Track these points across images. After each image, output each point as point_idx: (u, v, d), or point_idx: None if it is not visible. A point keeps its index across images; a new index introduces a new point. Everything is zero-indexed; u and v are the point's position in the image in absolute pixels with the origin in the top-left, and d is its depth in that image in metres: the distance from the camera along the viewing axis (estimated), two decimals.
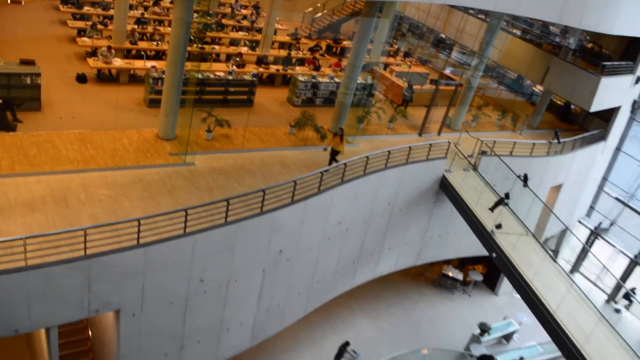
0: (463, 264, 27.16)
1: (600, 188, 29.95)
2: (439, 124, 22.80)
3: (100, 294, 11.77)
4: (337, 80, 22.90)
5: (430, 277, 26.53)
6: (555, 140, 23.05)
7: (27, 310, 10.90)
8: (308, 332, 21.41)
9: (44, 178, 13.43)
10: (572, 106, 28.86)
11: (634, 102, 27.15)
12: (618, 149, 28.85)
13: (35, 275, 10.61)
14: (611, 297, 28.20)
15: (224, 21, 28.11)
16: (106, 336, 14.08)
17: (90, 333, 16.22)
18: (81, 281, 11.31)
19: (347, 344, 19.62)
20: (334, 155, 17.53)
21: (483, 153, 20.63)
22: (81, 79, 19.54)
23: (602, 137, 26.73)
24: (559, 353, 15.48)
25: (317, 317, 21.37)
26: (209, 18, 25.38)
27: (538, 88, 30.39)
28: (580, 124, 28.46)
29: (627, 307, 27.73)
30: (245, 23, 28.77)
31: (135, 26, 23.88)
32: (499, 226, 17.26)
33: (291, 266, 16.23)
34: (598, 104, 24.11)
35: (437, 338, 22.82)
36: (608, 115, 26.64)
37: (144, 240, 11.96)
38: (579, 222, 29.84)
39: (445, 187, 19.68)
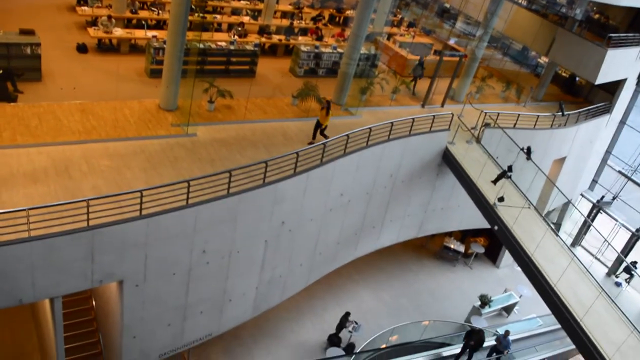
0: (465, 236, 27.27)
1: (604, 161, 29.88)
2: (443, 96, 22.60)
3: (103, 264, 11.84)
4: (340, 50, 22.65)
5: (432, 249, 26.65)
6: (560, 113, 22.89)
7: (31, 280, 10.97)
8: (310, 303, 21.60)
9: (45, 149, 13.37)
10: (577, 78, 28.57)
11: None
12: (623, 122, 28.68)
13: (39, 246, 10.64)
14: (612, 271, 28.34)
15: None
16: (110, 306, 14.19)
17: (94, 303, 16.37)
18: (84, 252, 11.35)
19: (348, 314, 19.82)
20: (317, 128, 16.82)
21: (486, 125, 20.51)
22: (82, 48, 19.34)
23: (607, 110, 26.52)
24: (558, 326, 15.62)
25: (319, 288, 21.54)
26: None
27: (543, 60, 30.03)
28: (585, 97, 28.20)
29: (627, 281, 27.88)
30: None
31: None
32: (501, 199, 17.24)
33: (293, 237, 16.28)
34: (603, 76, 23.85)
35: (437, 310, 23.02)
36: (613, 88, 26.38)
37: (147, 211, 11.97)
38: (582, 195, 29.84)
39: (448, 160, 19.62)
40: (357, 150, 16.64)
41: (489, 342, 19.39)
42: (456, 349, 18.65)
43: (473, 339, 18.08)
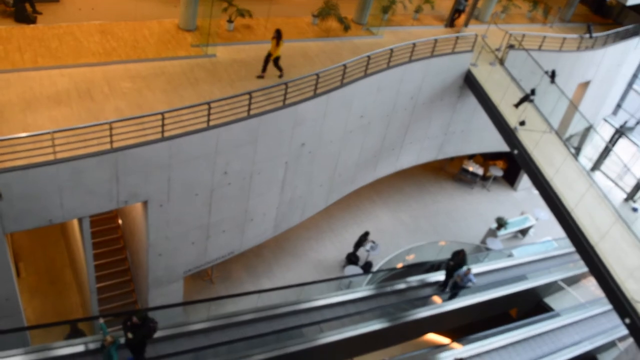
0: (484, 159, 27.24)
1: (629, 86, 29.09)
2: (467, 15, 21.93)
3: (128, 185, 12.14)
4: None
5: (451, 171, 26.74)
6: (587, 35, 22.15)
7: (59, 201, 11.33)
8: (329, 222, 22.07)
9: (67, 71, 13.40)
10: None
11: None
12: None
13: (65, 168, 10.91)
14: (630, 196, 28.20)
15: None
16: (136, 226, 14.67)
17: (120, 222, 16.90)
18: (109, 174, 11.63)
19: (367, 234, 20.24)
20: (267, 59, 15.21)
21: (511, 47, 19.99)
22: None
23: (637, 32, 25.54)
24: (573, 249, 15.84)
25: (338, 209, 21.94)
26: None
27: None
28: (614, 18, 27.16)
29: None
30: None
31: None
32: (522, 123, 17.09)
33: (313, 159, 16.43)
34: None
35: (454, 231, 23.39)
36: None
37: (169, 133, 12.11)
38: (604, 120, 29.33)
39: (470, 82, 19.31)
40: (378, 71, 16.42)
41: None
42: (471, 270, 18.99)
43: (454, 259, 17.45)
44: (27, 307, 15.54)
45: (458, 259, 17.23)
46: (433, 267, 19.25)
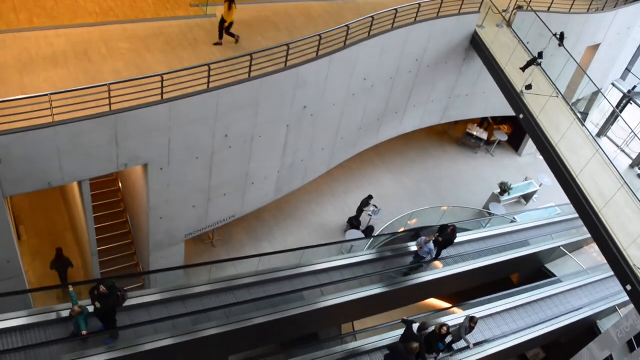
0: (488, 123, 26.95)
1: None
2: None
3: (127, 148, 12.00)
4: None
5: (454, 135, 26.48)
6: None
7: (58, 164, 11.21)
8: (331, 186, 21.97)
9: (63, 32, 13.10)
10: None
11: None
12: None
13: (63, 130, 10.77)
14: (636, 163, 27.96)
15: None
16: (136, 189, 14.58)
17: (120, 185, 16.82)
18: (108, 136, 11.48)
19: (370, 197, 20.14)
20: (222, 26, 14.17)
21: (519, 8, 19.52)
22: None
23: None
24: (576, 215, 15.76)
25: (340, 173, 21.81)
26: None
27: None
28: None
29: None
30: None
31: None
32: (529, 87, 16.79)
33: (315, 122, 16.23)
34: None
35: (457, 196, 23.28)
36: None
37: (168, 95, 11.91)
38: (613, 84, 28.83)
39: (476, 44, 18.93)
40: (382, 33, 16.07)
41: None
42: (473, 235, 19.02)
43: (442, 234, 16.18)
44: (29, 270, 15.59)
45: (446, 235, 16.06)
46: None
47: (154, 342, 12.08)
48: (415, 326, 13.63)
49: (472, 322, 14.31)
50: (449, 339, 14.50)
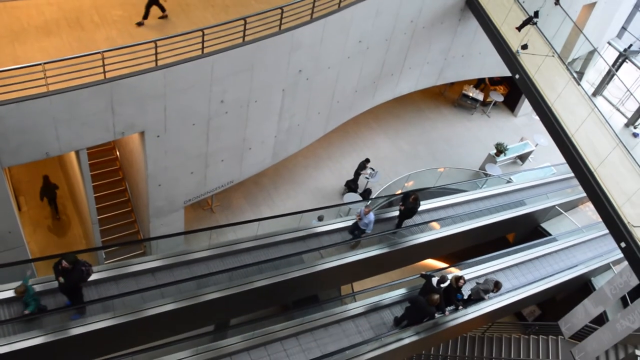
0: (484, 84, 26.85)
1: (636, 7, 28.18)
2: None
3: (123, 116, 11.99)
4: None
5: (450, 97, 26.43)
6: None
7: (55, 134, 11.22)
8: (328, 150, 22.02)
9: (54, 0, 12.94)
10: None
11: None
12: None
13: (58, 100, 10.73)
14: (631, 122, 27.99)
15: None
16: (134, 157, 14.61)
17: (118, 153, 16.83)
18: (104, 104, 11.45)
19: (367, 161, 20.21)
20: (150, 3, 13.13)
21: None
22: None
23: None
24: (572, 174, 15.87)
25: (336, 136, 21.85)
26: None
27: None
28: None
29: None
30: None
31: None
32: (524, 46, 16.71)
33: (311, 86, 16.18)
34: None
35: (453, 157, 23.37)
36: None
37: (162, 62, 11.84)
38: (609, 43, 28.65)
39: (471, 4, 18.75)
40: None
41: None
42: (469, 196, 19.14)
43: (405, 203, 15.60)
44: (30, 240, 15.72)
45: (409, 204, 15.45)
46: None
47: (158, 307, 12.26)
48: (435, 280, 14.21)
49: (496, 286, 14.95)
50: (465, 291, 15.20)
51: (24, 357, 10.80)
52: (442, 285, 14.26)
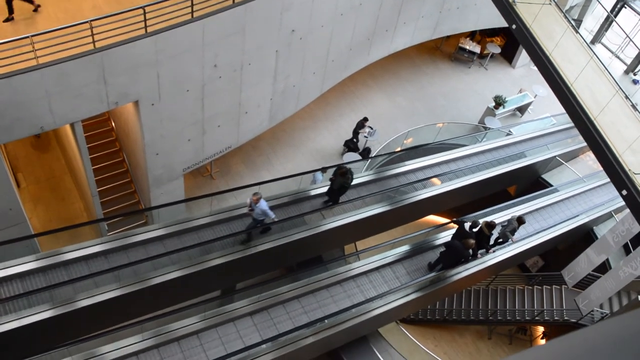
0: (481, 36, 26.45)
1: None
2: None
3: (116, 86, 11.82)
4: None
5: (447, 51, 26.06)
6: None
7: (48, 107, 11.06)
8: (325, 110, 21.84)
9: None
10: None
11: None
12: None
13: (49, 72, 10.55)
14: (631, 68, 27.63)
15: None
16: (129, 127, 14.47)
17: (113, 124, 16.68)
18: (95, 75, 11.27)
19: (366, 119, 20.07)
20: None
21: None
22: None
23: None
24: (571, 124, 15.74)
25: (333, 96, 21.64)
26: None
27: None
28: None
29: None
30: None
31: None
32: None
33: (304, 46, 15.94)
34: None
35: (452, 112, 23.20)
36: None
37: (152, 28, 11.61)
38: None
39: None
40: None
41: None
42: (470, 150, 19.03)
43: (335, 175, 14.26)
44: (32, 216, 15.72)
45: (341, 180, 14.01)
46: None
47: (165, 275, 12.33)
48: (467, 225, 14.66)
49: (519, 221, 15.39)
50: (495, 235, 15.80)
51: (42, 328, 10.97)
52: (474, 230, 14.66)
